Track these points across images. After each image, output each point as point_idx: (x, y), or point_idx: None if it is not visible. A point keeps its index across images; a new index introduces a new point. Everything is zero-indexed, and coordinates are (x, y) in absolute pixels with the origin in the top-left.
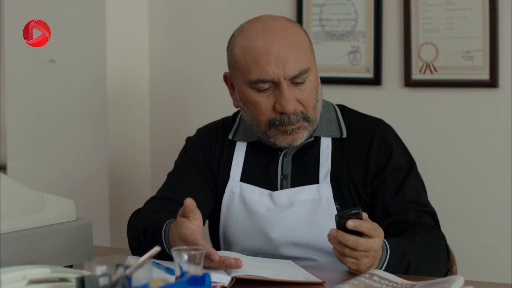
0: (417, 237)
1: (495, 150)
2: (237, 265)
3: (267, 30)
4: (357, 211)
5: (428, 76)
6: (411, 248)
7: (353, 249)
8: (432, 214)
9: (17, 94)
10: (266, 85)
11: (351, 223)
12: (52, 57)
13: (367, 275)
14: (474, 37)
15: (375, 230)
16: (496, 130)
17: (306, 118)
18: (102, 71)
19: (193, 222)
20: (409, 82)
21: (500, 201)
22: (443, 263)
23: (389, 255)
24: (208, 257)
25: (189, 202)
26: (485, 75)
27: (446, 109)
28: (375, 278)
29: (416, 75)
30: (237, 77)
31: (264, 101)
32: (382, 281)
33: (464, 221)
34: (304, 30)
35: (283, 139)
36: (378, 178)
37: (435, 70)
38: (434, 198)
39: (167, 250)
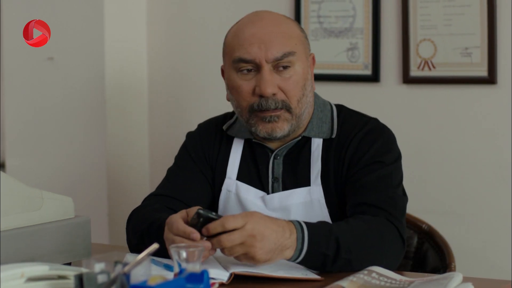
0: (352, 219)
1: (493, 147)
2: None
3: (258, 18)
4: (196, 217)
5: (426, 73)
6: (339, 227)
7: (228, 247)
8: (395, 203)
9: (15, 92)
10: (248, 66)
11: (204, 231)
12: (51, 55)
13: (366, 272)
14: (472, 33)
15: (229, 220)
16: (495, 126)
17: (288, 108)
18: (100, 69)
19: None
20: (408, 79)
21: (499, 197)
22: (390, 248)
23: (308, 232)
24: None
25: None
26: (483, 72)
27: (444, 106)
28: (373, 274)
29: (414, 72)
30: (225, 63)
31: (245, 85)
32: (381, 278)
33: (463, 218)
34: (301, 27)
35: (262, 127)
36: (351, 170)
37: (434, 66)
38: (433, 194)
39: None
